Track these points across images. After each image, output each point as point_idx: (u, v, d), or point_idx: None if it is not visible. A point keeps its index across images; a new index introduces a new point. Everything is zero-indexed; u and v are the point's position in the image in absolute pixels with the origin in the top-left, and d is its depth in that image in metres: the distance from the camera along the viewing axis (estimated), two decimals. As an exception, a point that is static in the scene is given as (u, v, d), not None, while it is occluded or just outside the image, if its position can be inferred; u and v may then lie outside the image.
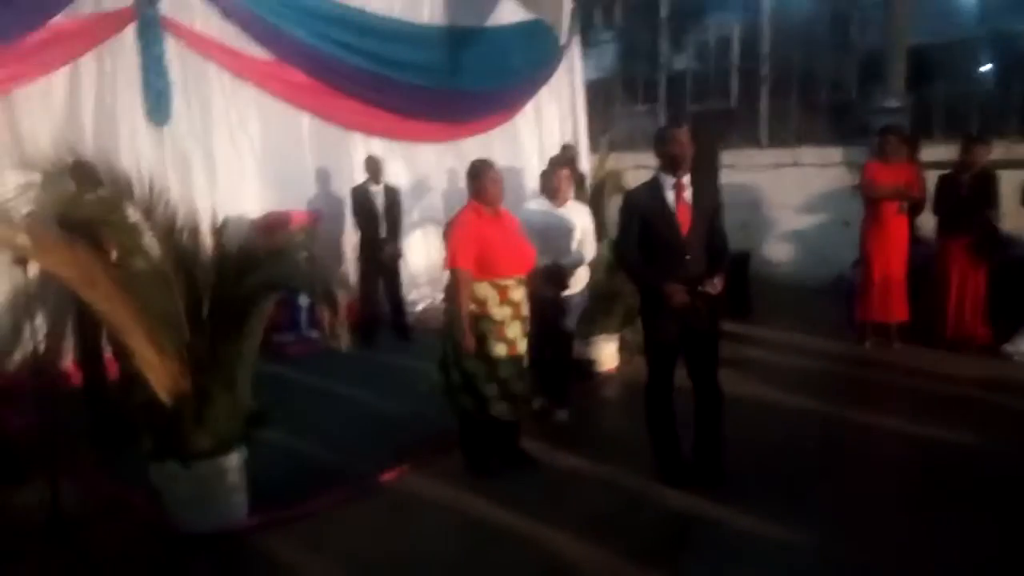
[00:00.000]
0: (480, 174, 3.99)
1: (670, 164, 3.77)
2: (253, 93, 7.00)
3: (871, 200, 6.19)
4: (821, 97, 9.10)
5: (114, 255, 3.63)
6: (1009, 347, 5.85)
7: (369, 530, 3.64)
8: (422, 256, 8.49)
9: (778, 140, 9.38)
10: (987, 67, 8.12)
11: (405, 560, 3.36)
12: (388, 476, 4.14)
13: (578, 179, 7.71)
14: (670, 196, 3.77)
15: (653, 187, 3.84)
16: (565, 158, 7.15)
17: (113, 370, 5.19)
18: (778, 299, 7.98)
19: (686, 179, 3.78)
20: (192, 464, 3.40)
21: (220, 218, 4.46)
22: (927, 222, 6.63)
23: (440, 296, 8.61)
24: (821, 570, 3.17)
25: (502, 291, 3.96)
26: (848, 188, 8.51)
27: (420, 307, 8.25)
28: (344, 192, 7.67)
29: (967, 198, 5.91)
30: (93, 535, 3.54)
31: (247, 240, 3.75)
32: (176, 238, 3.38)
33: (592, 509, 3.76)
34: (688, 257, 3.72)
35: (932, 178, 6.27)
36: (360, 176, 7.45)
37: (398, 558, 3.37)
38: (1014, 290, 6.06)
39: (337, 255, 7.59)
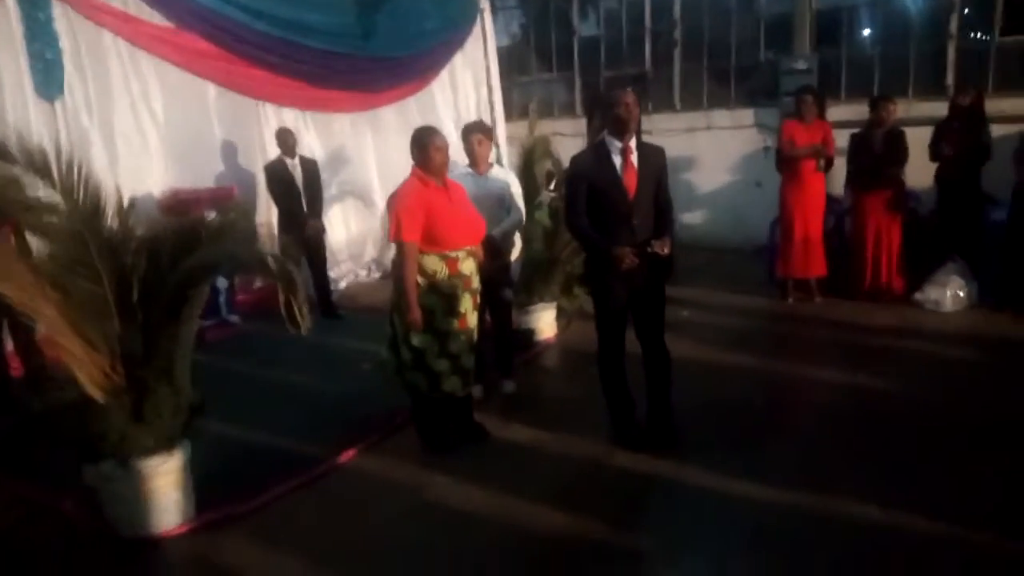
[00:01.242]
0: (425, 142, 3.81)
1: (617, 128, 3.71)
2: (154, 62, 6.51)
3: (789, 159, 6.36)
4: (731, 61, 9.26)
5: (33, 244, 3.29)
6: (920, 296, 6.17)
7: (323, 519, 3.48)
8: (342, 231, 8.21)
9: (691, 104, 9.52)
10: (885, 30, 8.45)
11: (364, 547, 3.22)
12: (339, 460, 3.97)
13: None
14: (617, 160, 3.72)
15: (599, 151, 3.78)
16: (475, 123, 6.90)
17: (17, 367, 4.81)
18: (698, 261, 8.14)
19: (633, 143, 3.74)
20: (131, 464, 3.14)
21: (125, 198, 4.12)
22: (837, 179, 6.90)
23: (362, 272, 8.44)
24: (784, 520, 3.24)
25: (451, 263, 3.83)
26: (760, 149, 8.78)
27: (343, 284, 8.00)
28: (255, 166, 7.31)
29: (880, 155, 6.15)
30: (19, 544, 3.25)
31: (187, 219, 3.46)
32: (101, 219, 3.07)
33: (552, 477, 3.72)
34: (636, 221, 3.70)
35: (838, 137, 6.49)
36: (272, 149, 7.11)
37: (356, 546, 3.23)
38: (923, 242, 6.39)
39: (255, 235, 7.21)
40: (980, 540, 3.01)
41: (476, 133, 4.54)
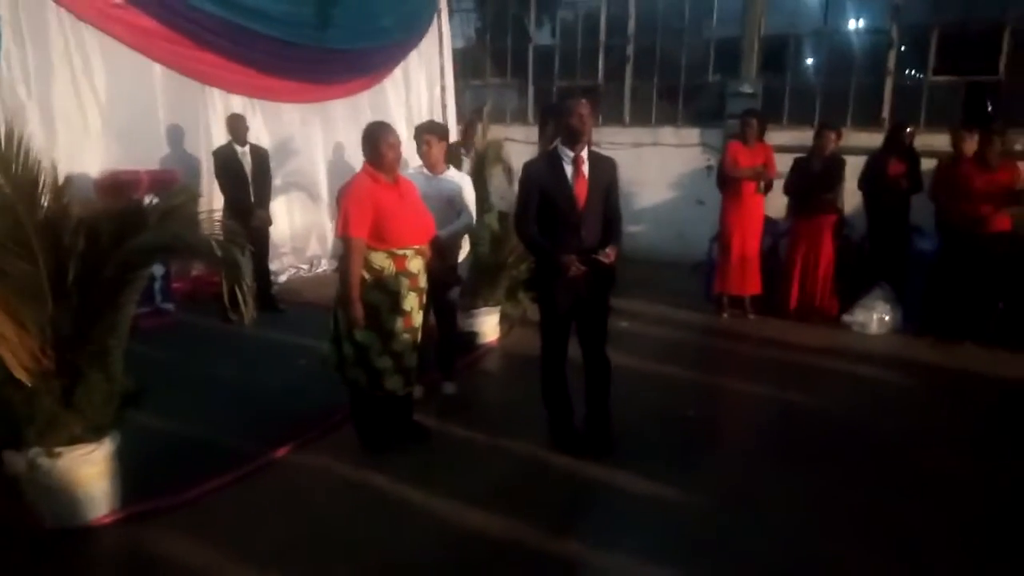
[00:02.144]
0: (376, 137, 3.78)
1: (570, 137, 3.76)
2: (99, 37, 6.28)
3: (731, 180, 6.55)
4: (680, 80, 9.47)
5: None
6: (848, 317, 6.43)
7: (257, 514, 3.43)
8: (286, 224, 8.08)
9: (639, 119, 9.71)
10: (828, 61, 8.77)
11: (297, 544, 3.18)
12: (274, 455, 3.91)
13: (453, 148, 7.58)
14: (569, 169, 3.78)
15: (552, 160, 3.83)
16: (431, 124, 6.86)
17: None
18: (638, 273, 8.24)
19: (584, 153, 3.80)
20: (57, 452, 3.04)
21: (61, 176, 3.97)
22: (776, 201, 7.14)
23: (304, 266, 8.32)
24: (712, 529, 3.34)
25: (399, 261, 3.82)
26: (704, 168, 9.00)
27: (284, 278, 7.87)
28: (200, 151, 7.14)
29: (817, 180, 6.38)
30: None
31: (114, 200, 3.36)
32: (39, 196, 2.97)
33: (489, 480, 3.75)
34: (584, 230, 3.76)
35: (779, 161, 6.71)
36: (218, 135, 6.96)
37: (289, 542, 3.19)
38: (854, 267, 6.65)
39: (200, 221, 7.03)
40: (892, 551, 3.17)
41: (427, 134, 4.54)
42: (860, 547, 3.20)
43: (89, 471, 3.13)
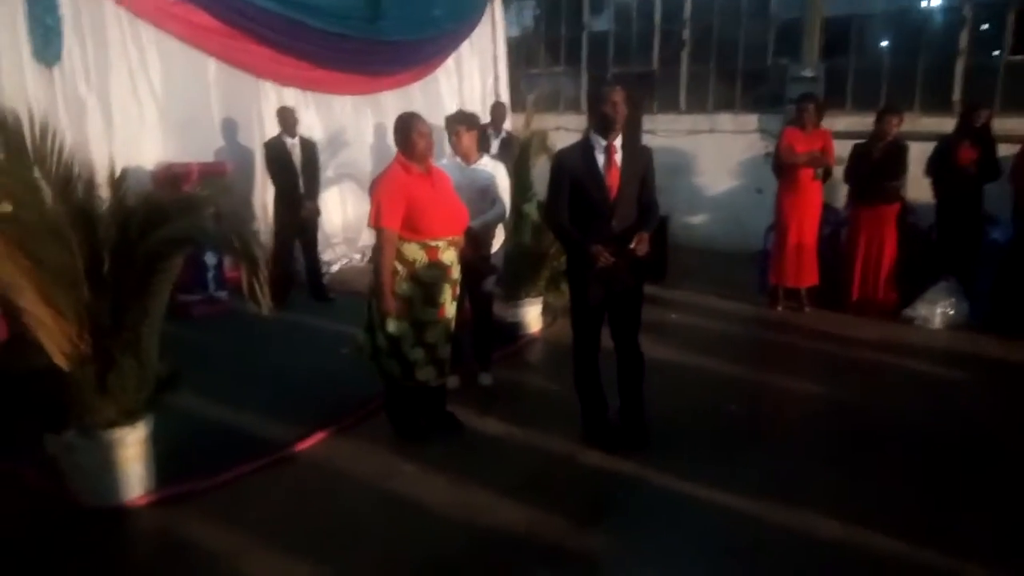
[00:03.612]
0: (408, 127, 3.77)
1: (602, 125, 3.67)
2: (155, 33, 6.47)
3: (787, 167, 6.31)
4: (738, 64, 9.19)
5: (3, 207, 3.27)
6: (910, 311, 6.13)
7: (287, 501, 3.47)
8: (338, 214, 8.19)
9: (696, 106, 9.46)
10: (894, 42, 8.36)
11: (325, 530, 3.21)
12: (308, 443, 3.96)
13: (506, 139, 7.53)
14: (600, 158, 3.69)
15: (584, 148, 3.75)
16: (460, 115, 6.77)
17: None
18: (693, 263, 8.12)
19: (617, 141, 3.70)
20: (94, 435, 3.14)
21: (118, 168, 4.10)
22: (836, 190, 6.86)
23: (356, 256, 8.42)
24: (745, 530, 3.22)
25: (432, 252, 3.80)
26: (762, 155, 8.71)
27: (336, 267, 7.98)
28: (254, 144, 7.29)
29: (878, 167, 6.09)
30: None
31: (152, 192, 3.43)
32: (73, 188, 3.06)
33: (519, 472, 3.71)
34: (615, 220, 3.67)
35: (841, 147, 6.43)
36: (271, 128, 7.08)
37: (318, 529, 3.22)
38: (919, 258, 6.33)
39: (247, 211, 7.21)
40: (941, 562, 2.99)
41: (457, 124, 4.50)
42: (904, 553, 3.02)
43: (124, 453, 3.23)
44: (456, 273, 3.96)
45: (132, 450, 3.25)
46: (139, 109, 6.48)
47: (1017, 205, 5.87)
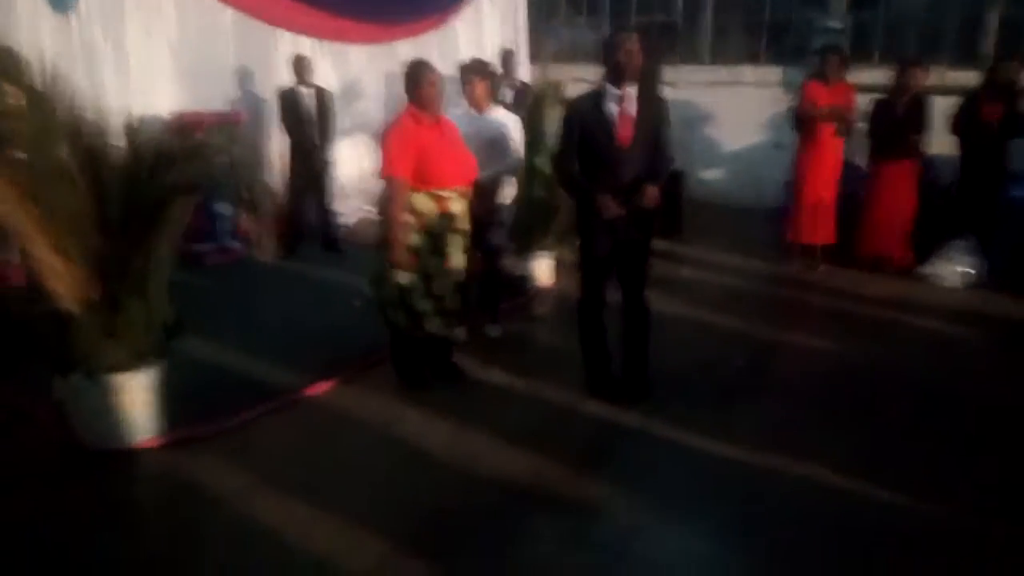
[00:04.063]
0: (418, 76, 3.74)
1: (615, 73, 3.61)
2: (169, -20, 6.43)
3: (807, 121, 6.18)
4: (765, 16, 8.94)
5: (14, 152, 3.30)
6: (926, 269, 6.04)
7: (291, 446, 3.56)
8: (353, 166, 8.14)
9: (720, 58, 9.25)
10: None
11: (329, 474, 3.29)
12: (315, 390, 4.03)
13: (522, 89, 7.43)
14: (612, 107, 3.63)
15: (596, 96, 3.69)
16: (474, 64, 6.67)
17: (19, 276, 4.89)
18: (709, 219, 8.03)
19: (631, 90, 3.63)
20: (100, 378, 3.21)
21: (133, 116, 4.12)
22: (858, 146, 6.72)
23: (371, 208, 8.41)
24: (741, 479, 3.25)
25: (441, 202, 3.79)
26: (784, 109, 8.52)
27: (352, 220, 7.99)
28: (268, 93, 7.24)
29: (901, 122, 5.95)
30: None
31: (162, 139, 3.44)
32: (84, 135, 3.08)
33: (521, 422, 3.75)
34: (625, 171, 3.63)
35: (867, 101, 6.28)
36: (286, 77, 7.04)
37: (320, 474, 3.30)
38: (938, 214, 6.22)
39: (260, 161, 7.20)
40: (940, 516, 3.00)
41: (471, 73, 4.46)
42: (904, 505, 3.04)
43: (130, 397, 3.30)
44: (465, 224, 3.96)
45: (139, 394, 3.32)
46: (154, 57, 6.45)
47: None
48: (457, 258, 3.96)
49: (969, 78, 6.82)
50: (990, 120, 5.91)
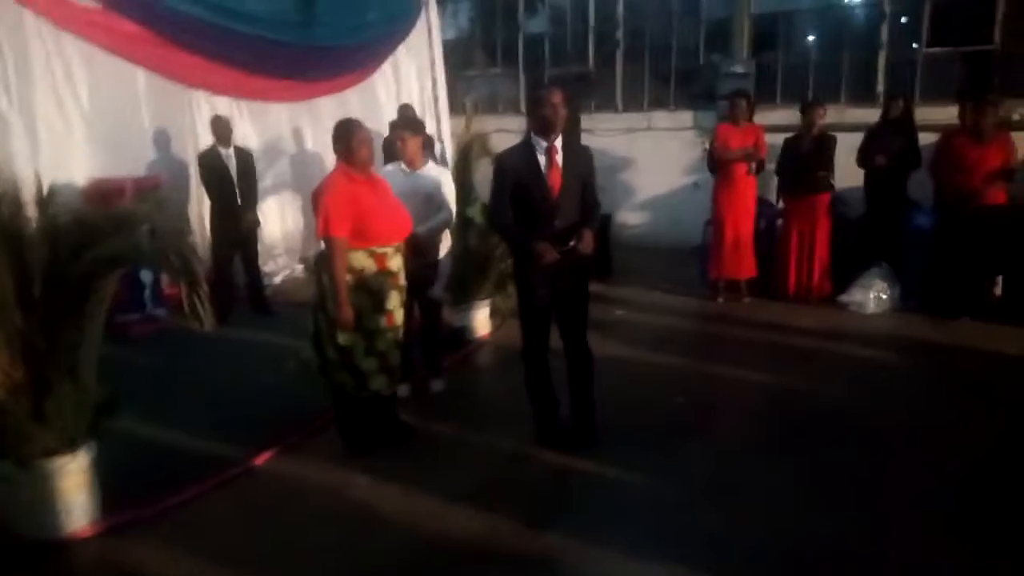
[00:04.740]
0: (349, 135, 3.74)
1: (542, 127, 3.70)
2: (79, 44, 6.24)
3: (722, 162, 6.47)
4: (672, 63, 9.36)
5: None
6: (844, 298, 6.34)
7: (239, 522, 3.41)
8: (277, 225, 8.04)
9: (633, 105, 9.60)
10: (820, 38, 8.63)
11: (281, 549, 3.17)
12: (258, 461, 3.89)
13: (426, 141, 7.50)
14: (542, 160, 3.72)
15: (525, 149, 3.78)
16: (405, 119, 6.79)
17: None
18: (636, 260, 8.24)
19: (558, 143, 3.73)
20: (31, 464, 3.03)
21: (45, 185, 3.96)
22: (770, 183, 7.05)
23: (298, 267, 8.28)
24: (694, 523, 3.28)
25: (380, 259, 3.77)
26: (699, 151, 8.89)
27: (278, 279, 7.85)
28: (187, 156, 7.12)
29: (808, 158, 6.28)
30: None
31: (84, 210, 3.32)
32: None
33: (473, 477, 3.71)
34: (558, 220, 3.70)
35: (774, 140, 6.61)
36: (205, 138, 6.92)
37: (273, 550, 3.17)
38: (850, 246, 6.56)
39: (183, 225, 7.01)
40: (882, 542, 3.10)
41: (400, 131, 4.49)
42: (848, 537, 3.13)
43: (64, 483, 3.12)
44: (403, 279, 3.95)
45: (73, 479, 3.14)
46: (66, 124, 6.25)
47: (937, 192, 6.13)
48: (397, 314, 3.93)
49: (866, 115, 7.29)
50: (888, 154, 6.30)
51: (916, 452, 3.89)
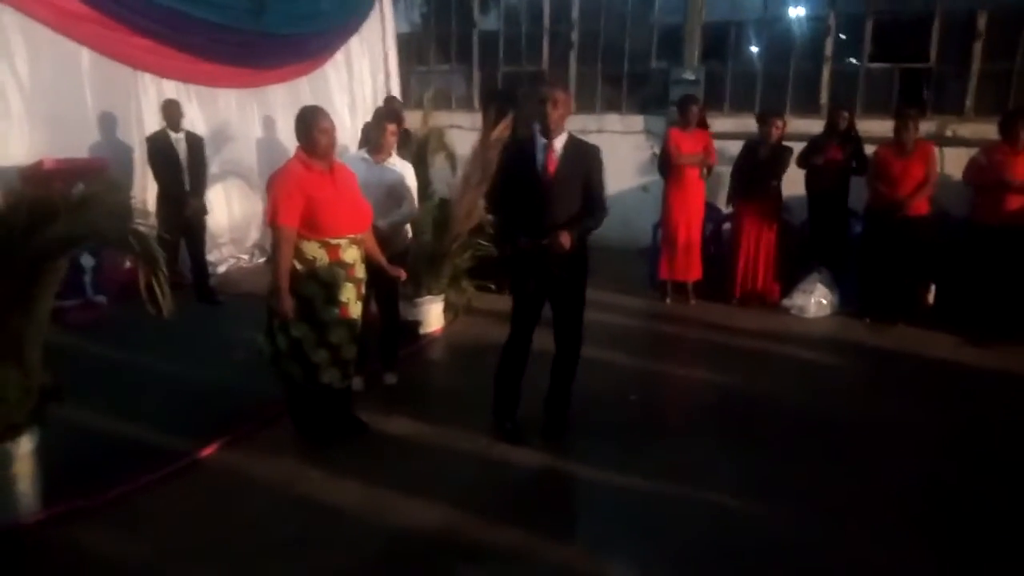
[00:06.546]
0: (310, 123, 3.67)
1: (544, 124, 3.71)
2: (20, 20, 5.99)
3: (673, 166, 6.59)
4: (624, 67, 9.48)
5: None
6: (787, 302, 6.54)
7: (187, 513, 3.33)
8: (224, 213, 7.86)
9: (584, 106, 9.68)
10: (768, 48, 8.86)
11: (232, 541, 3.11)
12: (207, 452, 3.81)
13: (404, 135, 7.47)
14: (539, 156, 3.75)
15: (526, 145, 3.83)
16: (389, 111, 6.80)
17: None
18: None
19: (558, 141, 3.75)
20: (-28, 451, 2.91)
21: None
22: (716, 188, 7.22)
23: (244, 256, 8.12)
24: (651, 510, 3.37)
25: (332, 250, 3.71)
26: (649, 155, 9.05)
27: (223, 268, 7.68)
28: (132, 139, 6.90)
29: (764, 167, 6.44)
30: None
31: (33, 191, 3.20)
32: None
33: (428, 471, 3.71)
34: (552, 217, 3.72)
35: (720, 147, 6.78)
36: (151, 122, 6.74)
37: (224, 540, 3.11)
38: (794, 251, 6.76)
39: (126, 210, 6.79)
40: (826, 530, 3.23)
41: (385, 120, 4.47)
42: (802, 527, 3.25)
43: (10, 470, 3.01)
44: (360, 272, 3.90)
45: (18, 466, 3.03)
46: (4, 102, 5.99)
47: (867, 202, 6.36)
48: (353, 307, 3.88)
49: (810, 125, 7.53)
50: (833, 161, 6.52)
51: (864, 449, 4.06)
